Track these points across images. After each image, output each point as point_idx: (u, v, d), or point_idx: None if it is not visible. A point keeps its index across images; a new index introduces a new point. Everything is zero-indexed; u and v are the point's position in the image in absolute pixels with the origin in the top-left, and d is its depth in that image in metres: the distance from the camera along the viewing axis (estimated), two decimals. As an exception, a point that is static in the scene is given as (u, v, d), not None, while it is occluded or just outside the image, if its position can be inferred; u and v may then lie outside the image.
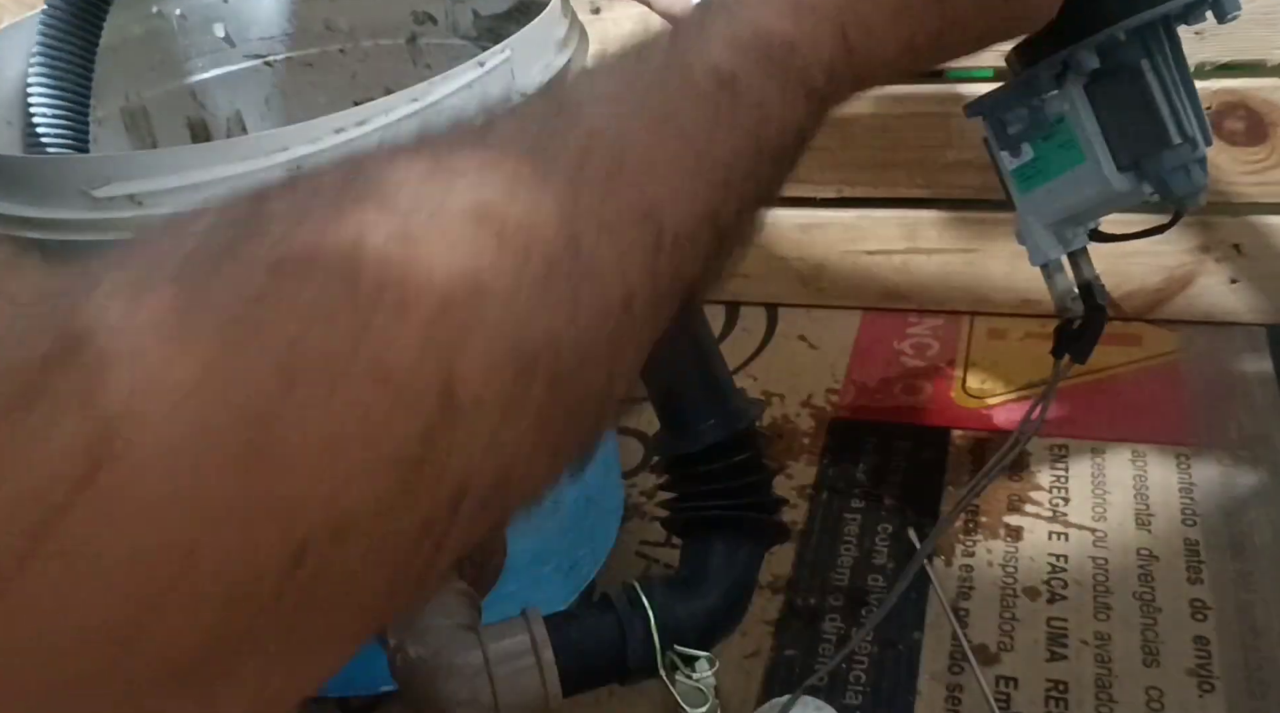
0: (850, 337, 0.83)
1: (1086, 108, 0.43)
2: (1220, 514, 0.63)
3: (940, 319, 0.83)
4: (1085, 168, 0.43)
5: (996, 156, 0.46)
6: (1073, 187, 0.44)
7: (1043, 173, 0.45)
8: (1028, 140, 0.44)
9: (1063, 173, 0.44)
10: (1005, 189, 0.47)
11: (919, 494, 0.67)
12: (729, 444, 0.50)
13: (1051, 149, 0.44)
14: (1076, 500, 0.65)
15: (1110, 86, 0.43)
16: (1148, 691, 0.54)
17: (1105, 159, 0.43)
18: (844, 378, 0.79)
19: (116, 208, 0.41)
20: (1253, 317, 0.77)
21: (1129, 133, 0.43)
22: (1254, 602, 0.58)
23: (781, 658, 0.58)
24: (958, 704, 0.55)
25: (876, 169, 0.80)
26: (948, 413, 0.74)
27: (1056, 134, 0.44)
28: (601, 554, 0.62)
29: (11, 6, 0.90)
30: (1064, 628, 0.57)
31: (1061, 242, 0.46)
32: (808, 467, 0.70)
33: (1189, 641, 0.56)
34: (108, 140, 0.62)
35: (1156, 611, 0.58)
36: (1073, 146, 0.43)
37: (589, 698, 0.53)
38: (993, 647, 0.57)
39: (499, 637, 0.45)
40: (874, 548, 0.64)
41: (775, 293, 0.87)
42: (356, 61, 0.68)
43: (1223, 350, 0.76)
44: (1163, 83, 0.42)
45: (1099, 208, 0.45)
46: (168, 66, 0.64)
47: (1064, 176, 0.44)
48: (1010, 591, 0.60)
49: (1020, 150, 0.45)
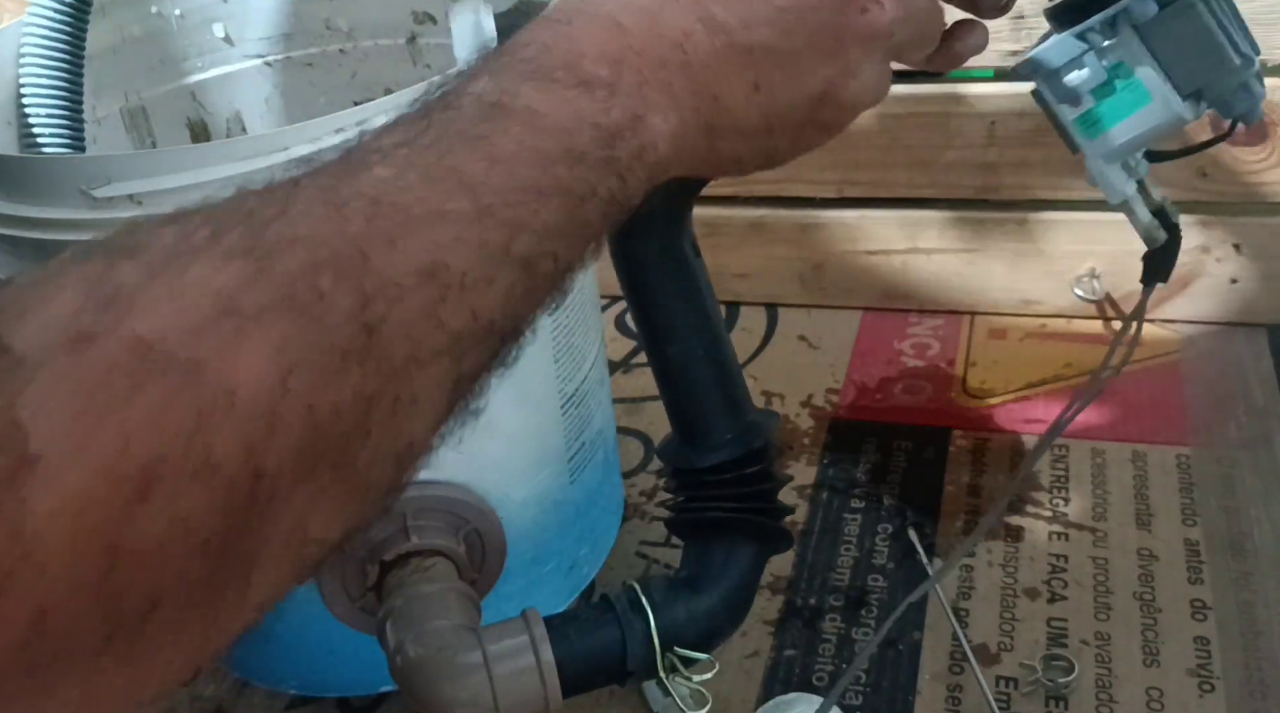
0: (850, 337, 0.83)
1: (1143, 50, 0.44)
2: (1220, 514, 0.63)
3: (940, 319, 0.83)
4: (1152, 106, 0.45)
5: (1055, 109, 0.47)
6: (1141, 124, 0.45)
7: (1107, 117, 0.46)
8: (1087, 90, 0.45)
9: (1129, 114, 0.45)
10: (1066, 139, 0.47)
11: (919, 494, 0.67)
12: (743, 460, 0.49)
13: (1112, 93, 0.45)
14: (1076, 500, 0.65)
15: (1165, 25, 0.44)
16: (1148, 691, 0.54)
17: (1170, 94, 0.44)
18: (844, 378, 0.79)
19: (116, 208, 0.41)
20: (1253, 317, 0.77)
21: (1190, 66, 0.44)
22: (1254, 602, 0.58)
23: (781, 658, 0.58)
24: (958, 704, 0.55)
25: (876, 169, 0.80)
26: (948, 413, 0.74)
27: (1116, 78, 0.45)
28: (601, 554, 0.62)
29: (11, 6, 0.90)
30: (1064, 628, 0.57)
31: (1130, 173, 0.47)
32: (808, 467, 0.70)
33: (1189, 641, 0.56)
34: (108, 140, 0.62)
35: (1156, 611, 0.58)
36: (1135, 88, 0.45)
37: (589, 698, 0.53)
38: (993, 647, 0.57)
39: (499, 637, 0.45)
40: (874, 548, 0.64)
41: (775, 293, 0.87)
42: (356, 61, 0.68)
43: (1223, 350, 0.76)
44: (1213, 12, 0.44)
45: (1166, 136, 0.46)
46: (168, 66, 0.64)
47: (1131, 118, 0.45)
48: (1010, 591, 0.60)
49: (1081, 100, 0.46)
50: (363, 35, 0.68)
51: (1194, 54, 0.44)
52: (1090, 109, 0.46)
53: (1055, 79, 0.46)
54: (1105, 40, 0.44)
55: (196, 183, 0.40)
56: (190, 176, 0.40)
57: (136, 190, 0.40)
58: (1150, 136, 0.46)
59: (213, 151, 0.41)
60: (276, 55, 0.68)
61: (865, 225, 0.82)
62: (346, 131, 0.41)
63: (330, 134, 0.41)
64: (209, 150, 0.42)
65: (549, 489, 0.54)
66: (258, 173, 0.40)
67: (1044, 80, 0.46)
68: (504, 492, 0.52)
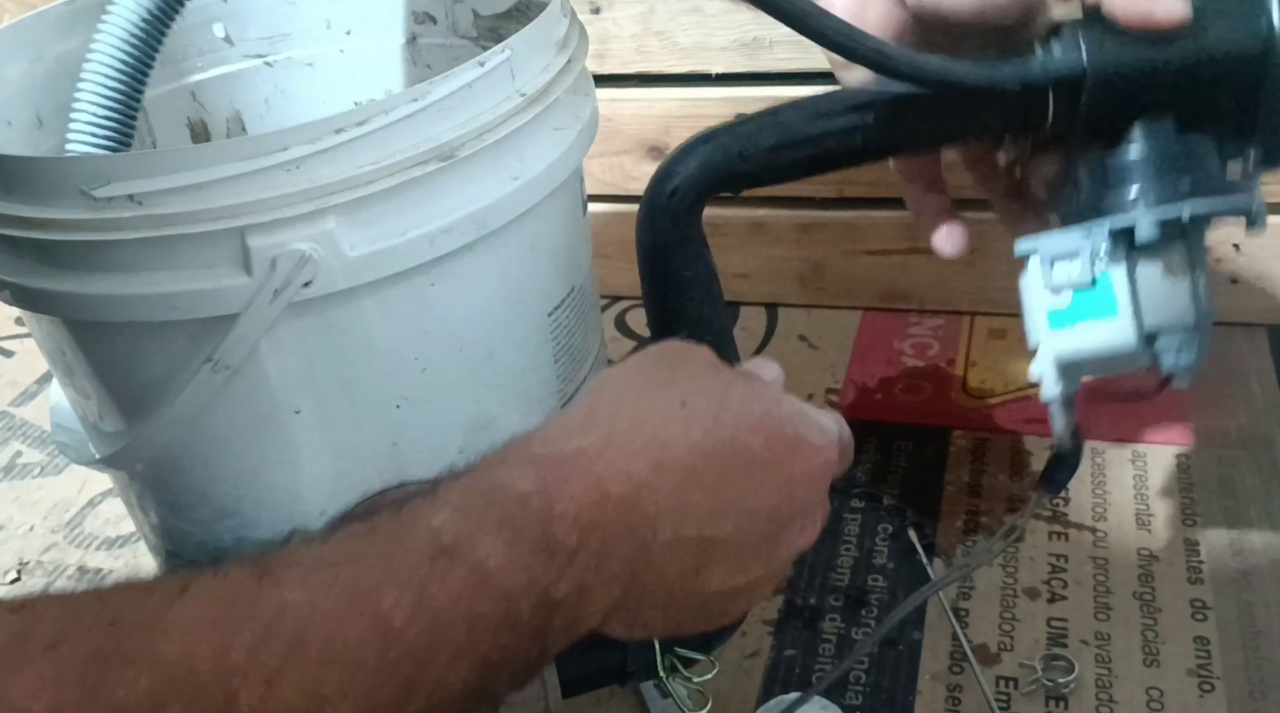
0: (850, 337, 0.83)
1: (1125, 270, 0.46)
2: (1220, 514, 0.63)
3: (940, 319, 0.83)
4: (1114, 323, 0.46)
5: (1032, 292, 0.48)
6: (1097, 336, 0.46)
7: (1074, 316, 0.47)
8: (1070, 286, 0.47)
9: (1091, 320, 0.46)
10: (1030, 323, 0.49)
11: (919, 494, 0.67)
12: None
13: (1087, 297, 0.46)
14: (1076, 500, 0.65)
15: (1150, 256, 0.46)
16: (1148, 691, 0.54)
17: (1132, 320, 0.46)
18: (844, 378, 0.79)
19: (116, 208, 0.41)
20: (1253, 317, 0.77)
21: (1157, 303, 0.45)
22: (1254, 602, 0.58)
23: (781, 658, 0.58)
24: (958, 704, 0.55)
25: (877, 169, 0.80)
26: (948, 413, 0.74)
27: (1097, 285, 0.46)
28: (601, 554, 0.62)
29: (11, 7, 0.90)
30: (1064, 628, 0.57)
31: (1068, 383, 0.48)
32: (808, 467, 0.70)
33: (1189, 641, 0.56)
34: (107, 140, 0.62)
35: (1156, 611, 0.58)
36: (1107, 301, 0.46)
37: (589, 698, 0.53)
38: (993, 647, 0.57)
39: (499, 637, 0.45)
40: (874, 548, 0.64)
41: (775, 293, 0.87)
42: (356, 61, 0.68)
43: (1223, 350, 0.76)
44: (1194, 265, 0.45)
45: (1110, 362, 0.47)
46: (168, 67, 0.64)
47: (1091, 324, 0.46)
48: (1010, 591, 0.60)
49: (1061, 293, 0.47)
50: (363, 35, 0.68)
51: (1164, 294, 0.45)
52: (1065, 308, 0.47)
53: (1048, 266, 0.47)
54: (1104, 245, 0.45)
55: (197, 183, 0.40)
56: (190, 177, 0.40)
57: (136, 190, 0.40)
58: (1099, 354, 0.46)
59: (213, 152, 0.41)
60: (276, 55, 0.68)
61: (865, 225, 0.82)
62: (347, 131, 0.41)
63: (330, 134, 0.41)
64: (209, 150, 0.42)
65: (549, 489, 0.54)
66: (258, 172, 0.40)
67: (1039, 263, 0.47)
68: (504, 492, 0.52)
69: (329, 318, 0.44)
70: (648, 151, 0.83)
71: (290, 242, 0.41)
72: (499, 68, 0.45)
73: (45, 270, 0.43)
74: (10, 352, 0.93)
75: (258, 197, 0.41)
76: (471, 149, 0.44)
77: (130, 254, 0.42)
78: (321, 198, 0.41)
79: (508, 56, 0.45)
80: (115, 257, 0.42)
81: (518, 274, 0.49)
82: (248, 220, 0.41)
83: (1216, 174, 0.46)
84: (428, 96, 0.43)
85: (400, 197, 0.43)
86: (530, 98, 0.46)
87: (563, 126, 0.49)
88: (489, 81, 0.45)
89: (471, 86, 0.44)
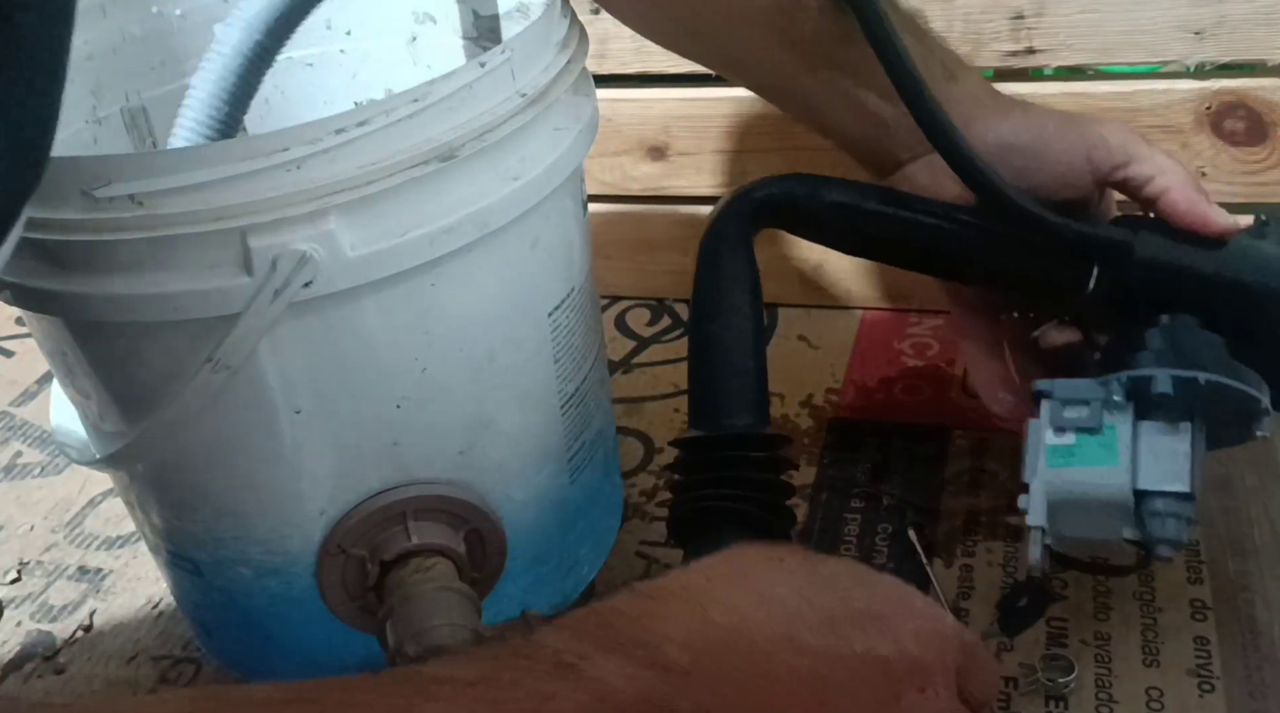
0: (850, 337, 0.83)
1: (1132, 424, 0.48)
2: (1220, 514, 0.63)
3: (940, 319, 0.83)
4: (1112, 471, 0.48)
5: (1036, 431, 0.50)
6: (1093, 482, 0.48)
7: (1074, 459, 0.49)
8: (1075, 427, 0.49)
9: (1092, 465, 0.48)
10: (1028, 459, 0.50)
11: (919, 494, 0.67)
12: (758, 441, 0.52)
13: (1091, 443, 0.48)
14: (1076, 500, 0.65)
15: (1158, 417, 0.48)
16: (1148, 691, 0.54)
17: (1129, 471, 0.48)
18: (844, 378, 0.79)
19: (116, 208, 0.41)
20: (1253, 317, 0.77)
21: (1156, 463, 0.48)
22: (1254, 602, 0.58)
23: (781, 658, 0.58)
24: (958, 704, 0.54)
25: (876, 169, 0.80)
26: (948, 413, 0.74)
27: (1102, 432, 0.48)
28: (602, 554, 0.62)
29: (11, 6, 0.90)
30: (1064, 628, 0.57)
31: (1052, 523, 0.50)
32: (808, 467, 0.70)
33: (1189, 641, 0.56)
34: (108, 140, 0.62)
35: (1156, 611, 0.58)
36: (1110, 449, 0.48)
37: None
38: (992, 647, 0.57)
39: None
40: (874, 548, 0.64)
41: (775, 293, 0.87)
42: (356, 61, 0.68)
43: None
44: (1195, 442, 0.48)
45: (1101, 512, 0.49)
46: (168, 67, 0.64)
47: (1091, 470, 0.48)
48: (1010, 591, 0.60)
49: (1066, 434, 0.49)
50: (363, 35, 0.68)
51: (1163, 456, 0.48)
52: (1068, 446, 0.49)
53: (1058, 406, 0.49)
54: (1117, 396, 0.48)
55: (196, 183, 0.40)
56: (191, 177, 0.40)
57: (137, 190, 0.40)
58: (1093, 499, 0.48)
59: (213, 152, 0.41)
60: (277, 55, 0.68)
61: (865, 225, 0.82)
62: (347, 131, 0.41)
63: (330, 134, 0.41)
64: (210, 151, 0.42)
65: (549, 489, 0.54)
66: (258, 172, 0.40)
67: (1047, 404, 0.49)
68: (504, 492, 0.52)
69: (329, 318, 0.44)
70: (647, 152, 0.83)
71: (291, 242, 0.41)
72: (499, 68, 0.45)
73: (46, 270, 0.43)
74: (10, 352, 0.93)
75: (258, 197, 0.41)
76: (472, 149, 0.44)
77: (131, 254, 0.42)
78: (322, 198, 0.41)
79: (508, 57, 0.45)
80: (116, 257, 0.42)
81: (518, 274, 0.49)
82: (248, 220, 0.41)
83: (1235, 366, 0.49)
84: (428, 97, 0.43)
85: (401, 197, 0.43)
86: (530, 98, 0.46)
87: (563, 127, 0.49)
88: (489, 82, 0.45)
89: (472, 87, 0.44)
